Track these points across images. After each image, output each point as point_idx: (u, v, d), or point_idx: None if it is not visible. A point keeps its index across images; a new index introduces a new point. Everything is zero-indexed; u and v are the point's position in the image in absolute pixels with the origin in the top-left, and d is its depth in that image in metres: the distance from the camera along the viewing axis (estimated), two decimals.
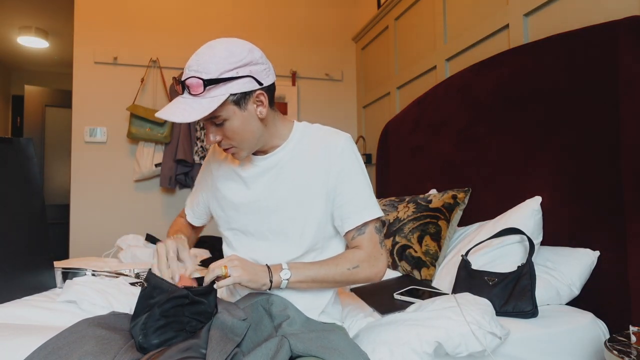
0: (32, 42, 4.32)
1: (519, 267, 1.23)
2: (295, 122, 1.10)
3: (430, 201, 1.74)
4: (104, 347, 0.82)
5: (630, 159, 1.19)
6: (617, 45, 1.24)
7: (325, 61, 3.46)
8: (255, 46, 0.98)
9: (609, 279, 1.24)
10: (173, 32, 3.12)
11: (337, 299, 1.14)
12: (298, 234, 1.04)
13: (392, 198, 2.02)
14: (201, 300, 0.93)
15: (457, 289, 1.32)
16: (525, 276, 1.20)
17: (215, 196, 1.16)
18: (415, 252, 1.62)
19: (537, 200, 1.42)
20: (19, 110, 5.00)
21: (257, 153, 1.07)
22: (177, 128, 2.92)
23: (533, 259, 1.24)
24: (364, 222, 1.03)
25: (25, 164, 1.28)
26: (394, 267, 1.71)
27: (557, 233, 1.41)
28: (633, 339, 0.92)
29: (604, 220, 1.26)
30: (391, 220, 1.82)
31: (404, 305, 1.25)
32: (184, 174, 2.98)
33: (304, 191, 1.04)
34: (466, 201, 1.70)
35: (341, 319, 1.14)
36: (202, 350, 0.85)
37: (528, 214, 1.39)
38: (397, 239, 1.72)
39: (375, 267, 1.03)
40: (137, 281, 1.42)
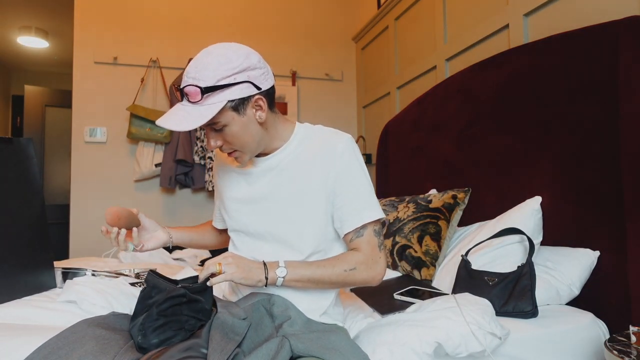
0: (32, 42, 4.32)
1: (519, 267, 1.23)
2: (296, 124, 1.10)
3: (430, 201, 1.74)
4: (104, 347, 0.83)
5: (630, 159, 1.19)
6: (617, 45, 1.24)
7: (325, 61, 3.46)
8: (253, 50, 0.97)
9: (609, 279, 1.24)
10: (173, 32, 3.12)
11: (338, 300, 1.13)
12: (297, 236, 1.04)
13: (392, 198, 2.02)
14: (198, 299, 0.93)
15: (457, 289, 1.32)
16: (525, 276, 1.20)
17: (221, 198, 1.17)
18: (415, 252, 1.62)
19: (537, 200, 1.42)
20: (19, 110, 4.99)
21: (258, 155, 1.07)
22: None
23: (533, 259, 1.24)
24: (362, 225, 1.02)
25: (25, 164, 1.28)
26: (394, 267, 1.71)
27: (557, 233, 1.41)
28: (633, 339, 0.91)
29: (604, 220, 1.26)
30: (391, 220, 1.82)
31: (404, 306, 1.25)
32: (184, 174, 2.99)
33: (305, 192, 1.03)
34: (466, 201, 1.70)
35: (342, 320, 1.14)
36: (203, 350, 0.85)
37: (528, 214, 1.39)
38: (397, 239, 1.72)
39: (373, 270, 1.02)
40: (137, 281, 1.42)
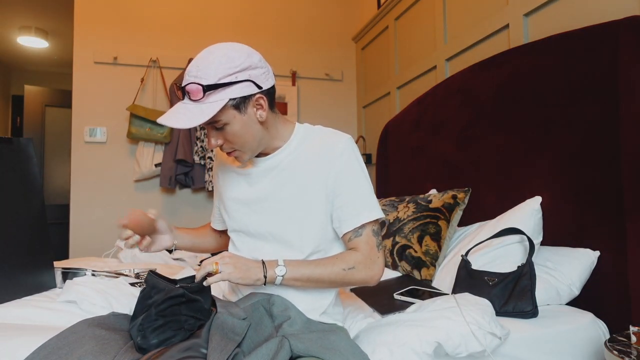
0: (32, 42, 4.32)
1: (519, 267, 1.23)
2: (296, 124, 1.10)
3: (430, 201, 1.74)
4: (103, 347, 0.83)
5: (630, 158, 1.19)
6: (617, 45, 1.24)
7: (325, 61, 3.46)
8: (254, 50, 0.98)
9: (609, 279, 1.24)
10: (173, 32, 3.12)
11: (338, 300, 1.13)
12: (297, 236, 1.04)
13: (392, 198, 2.02)
14: (197, 298, 0.94)
15: (457, 289, 1.32)
16: (525, 276, 1.20)
17: (221, 198, 1.17)
18: (415, 252, 1.62)
19: (537, 200, 1.41)
20: (19, 110, 4.99)
21: (258, 155, 1.07)
22: (177, 128, 2.92)
23: (533, 259, 1.24)
24: (361, 225, 1.02)
25: (25, 164, 1.28)
26: (394, 267, 1.71)
27: (557, 233, 1.41)
28: (633, 339, 0.91)
29: (603, 221, 1.26)
30: (391, 220, 1.82)
31: (404, 306, 1.25)
32: (184, 174, 2.98)
33: (304, 192, 1.03)
34: (466, 201, 1.70)
35: (342, 319, 1.14)
36: (203, 350, 0.85)
37: (528, 214, 1.39)
38: (397, 239, 1.72)
39: (371, 270, 1.02)
40: (137, 281, 1.42)
